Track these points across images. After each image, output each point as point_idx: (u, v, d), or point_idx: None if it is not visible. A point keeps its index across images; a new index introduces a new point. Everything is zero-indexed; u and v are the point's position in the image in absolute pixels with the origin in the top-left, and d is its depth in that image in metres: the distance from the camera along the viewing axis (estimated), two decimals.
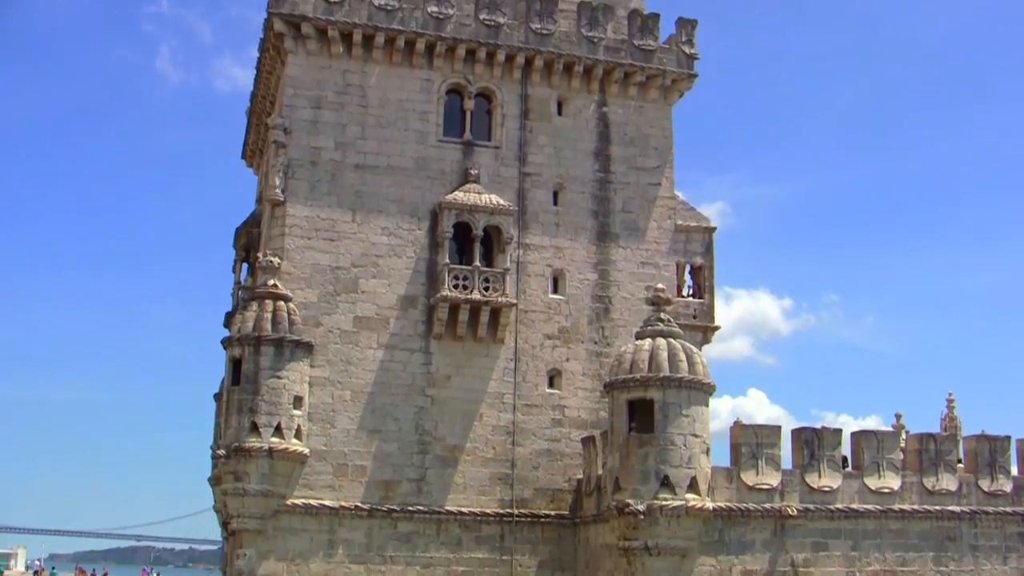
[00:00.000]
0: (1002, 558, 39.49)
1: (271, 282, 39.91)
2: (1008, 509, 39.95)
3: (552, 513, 41.46)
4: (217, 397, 47.80)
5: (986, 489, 39.86)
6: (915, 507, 38.67)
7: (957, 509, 39.19)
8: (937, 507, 38.92)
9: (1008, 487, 40.20)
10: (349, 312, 41.18)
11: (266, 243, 42.77)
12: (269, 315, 39.18)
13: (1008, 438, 40.99)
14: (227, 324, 46.89)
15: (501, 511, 40.94)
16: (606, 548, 37.81)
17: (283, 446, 38.45)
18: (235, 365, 39.33)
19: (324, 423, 40.07)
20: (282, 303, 39.66)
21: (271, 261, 40.23)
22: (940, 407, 58.15)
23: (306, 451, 39.31)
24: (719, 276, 46.08)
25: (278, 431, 38.47)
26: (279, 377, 38.85)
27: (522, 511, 41.11)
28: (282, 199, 41.40)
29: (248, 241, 47.11)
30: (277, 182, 41.42)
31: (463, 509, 40.62)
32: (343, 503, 39.68)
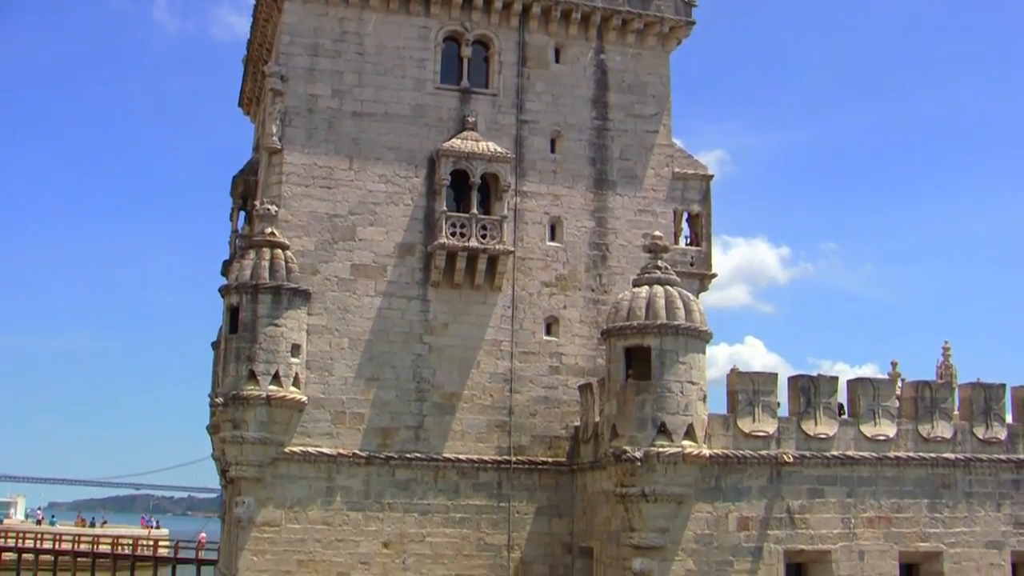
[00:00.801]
0: (996, 505, 39.71)
1: (268, 230, 39.91)
2: (1002, 456, 40.12)
3: (549, 460, 41.68)
4: (215, 345, 47.91)
5: (981, 436, 40.01)
6: (910, 454, 38.82)
7: (952, 456, 39.35)
8: (932, 454, 39.06)
9: (1002, 434, 40.35)
10: (346, 260, 41.19)
11: (263, 191, 42.71)
12: (266, 263, 39.21)
13: (1003, 386, 41.12)
14: (224, 272, 46.94)
15: (499, 458, 41.15)
16: (603, 495, 38.03)
17: (281, 394, 38.60)
18: (233, 313, 39.41)
19: (322, 371, 40.18)
20: (279, 251, 39.68)
21: (268, 209, 40.21)
22: (936, 355, 58.24)
23: (304, 399, 39.46)
24: (717, 224, 46.09)
25: (276, 379, 38.60)
26: (277, 325, 38.94)
27: (519, 458, 41.32)
28: (279, 147, 41.34)
29: (245, 189, 47.04)
30: (274, 130, 41.33)
31: (461, 456, 40.84)
32: (341, 451, 39.88)
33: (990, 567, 39.08)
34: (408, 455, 40.41)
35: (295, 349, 39.32)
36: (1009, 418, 41.09)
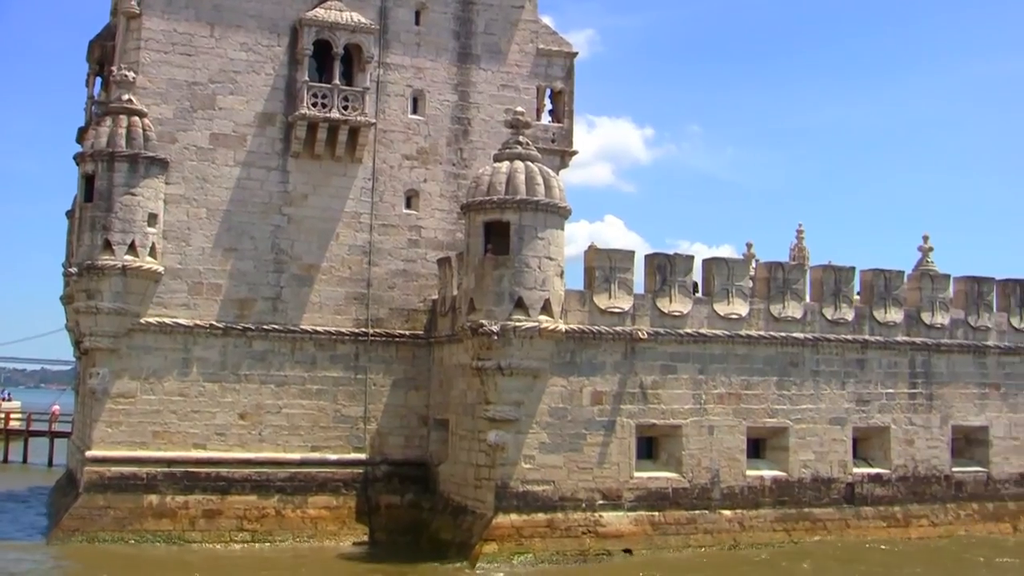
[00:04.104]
0: (841, 383, 41.02)
1: (126, 97, 39.09)
2: (849, 336, 41.37)
3: (407, 333, 41.93)
4: (70, 215, 47.14)
5: (829, 317, 41.14)
6: (761, 333, 39.86)
7: (801, 336, 40.47)
8: (782, 334, 40.16)
9: (850, 315, 41.52)
10: (206, 129, 40.50)
11: (121, 57, 41.76)
12: (123, 131, 38.49)
13: (852, 269, 42.26)
14: (80, 139, 46.01)
15: (356, 330, 41.28)
16: (460, 368, 38.41)
17: (137, 264, 38.14)
18: (88, 181, 38.69)
19: (179, 241, 39.70)
20: (137, 119, 38.93)
21: (126, 75, 39.33)
22: (790, 238, 59.55)
23: (160, 269, 39.02)
24: (583, 103, 46.47)
25: (132, 249, 38.10)
26: (133, 194, 38.33)
27: (377, 331, 41.48)
28: (138, 11, 40.25)
29: (102, 54, 46.05)
30: None
31: (318, 328, 40.87)
32: (198, 321, 39.64)
33: (833, 442, 40.55)
34: (265, 326, 40.33)
35: (152, 219, 38.76)
36: (857, 300, 42.25)
